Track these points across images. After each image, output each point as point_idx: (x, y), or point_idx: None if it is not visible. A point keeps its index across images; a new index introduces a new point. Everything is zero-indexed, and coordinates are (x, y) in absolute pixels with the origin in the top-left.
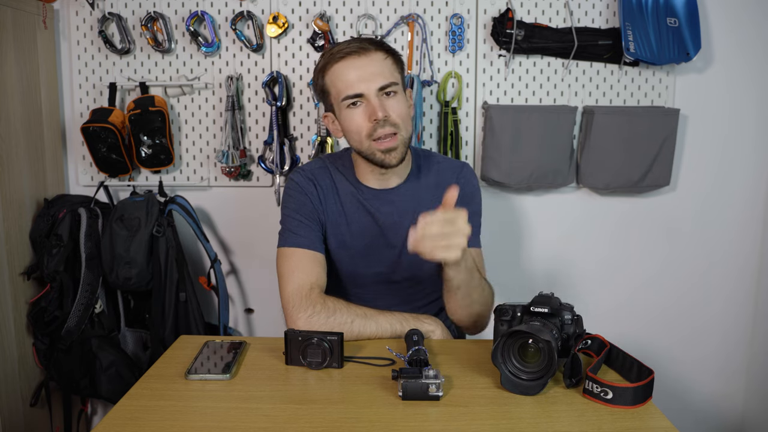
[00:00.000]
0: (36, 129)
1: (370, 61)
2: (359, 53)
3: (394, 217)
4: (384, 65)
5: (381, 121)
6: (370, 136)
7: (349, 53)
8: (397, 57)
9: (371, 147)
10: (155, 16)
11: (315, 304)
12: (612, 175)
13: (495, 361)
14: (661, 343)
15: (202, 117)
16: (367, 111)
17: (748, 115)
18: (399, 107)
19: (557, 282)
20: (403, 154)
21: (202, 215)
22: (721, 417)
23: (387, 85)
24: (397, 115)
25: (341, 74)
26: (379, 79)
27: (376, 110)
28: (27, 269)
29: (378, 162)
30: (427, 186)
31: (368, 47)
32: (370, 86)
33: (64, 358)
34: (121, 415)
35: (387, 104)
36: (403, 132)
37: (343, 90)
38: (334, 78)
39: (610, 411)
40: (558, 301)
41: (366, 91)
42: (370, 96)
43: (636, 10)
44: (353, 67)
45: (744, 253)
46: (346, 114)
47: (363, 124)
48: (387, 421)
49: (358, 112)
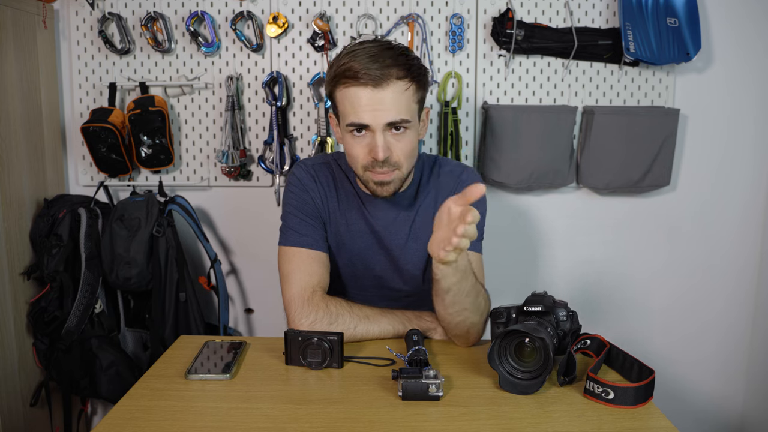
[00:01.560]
0: (36, 129)
1: (387, 93)
2: (378, 84)
3: (390, 224)
4: (402, 98)
5: (380, 162)
6: (366, 169)
7: (367, 83)
8: (421, 81)
9: (366, 176)
10: (155, 16)
11: (318, 309)
12: (612, 175)
13: (491, 362)
14: (661, 343)
15: (202, 117)
16: (369, 145)
17: (748, 115)
18: (404, 146)
19: (557, 282)
20: (398, 187)
21: (202, 215)
22: (721, 417)
23: (397, 122)
24: (400, 155)
25: (353, 98)
26: (390, 115)
27: (378, 150)
28: (27, 269)
29: (369, 190)
30: (426, 193)
31: (390, 75)
32: (378, 120)
33: (64, 358)
34: (121, 415)
35: (392, 143)
36: (404, 168)
37: (350, 115)
38: (344, 97)
39: (610, 411)
40: (552, 299)
41: (373, 123)
42: (376, 130)
43: (636, 10)
44: (367, 97)
45: (744, 253)
46: (348, 138)
47: (362, 155)
48: (387, 421)
49: (360, 143)
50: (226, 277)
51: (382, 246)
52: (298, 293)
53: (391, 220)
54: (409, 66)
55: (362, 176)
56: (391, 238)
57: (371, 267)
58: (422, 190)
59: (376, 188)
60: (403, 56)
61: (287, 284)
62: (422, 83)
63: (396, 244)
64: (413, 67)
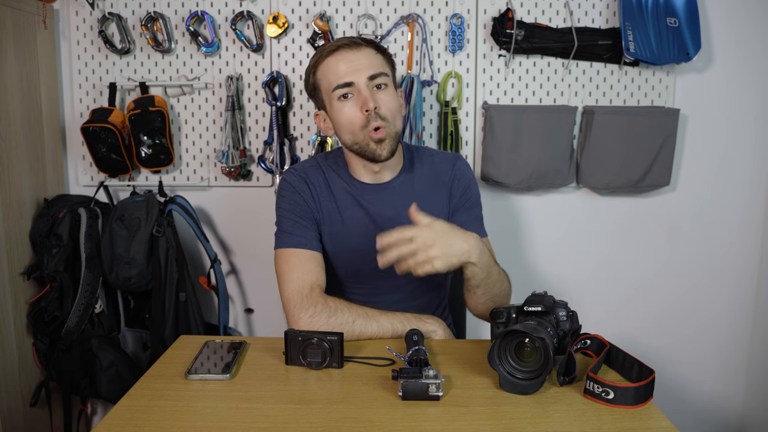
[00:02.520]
0: (36, 129)
1: (360, 54)
2: (350, 47)
3: (389, 211)
4: (374, 59)
5: (372, 114)
6: (364, 127)
7: (339, 47)
8: (387, 55)
9: (366, 137)
10: (155, 16)
11: (316, 303)
12: (612, 175)
13: (491, 362)
14: (661, 343)
15: (202, 117)
16: (359, 102)
17: (748, 115)
18: (389, 100)
19: (557, 282)
20: (393, 147)
21: (202, 215)
22: (721, 417)
23: (377, 74)
24: (387, 109)
25: (332, 67)
26: (369, 70)
27: (368, 101)
28: (27, 269)
29: (370, 154)
30: (421, 178)
31: (359, 42)
32: (360, 76)
33: (64, 358)
34: (121, 415)
35: (377, 96)
36: (392, 126)
37: (333, 81)
38: (325, 71)
39: (610, 411)
40: (552, 299)
41: (356, 80)
42: (361, 86)
43: (636, 10)
44: (343, 60)
45: (744, 253)
46: (338, 107)
47: (356, 115)
48: (387, 421)
49: (349, 105)
50: (226, 277)
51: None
52: (296, 290)
53: (390, 208)
54: (375, 44)
55: (362, 141)
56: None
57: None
58: (417, 176)
59: (376, 148)
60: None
61: (285, 283)
62: (390, 60)
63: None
64: (379, 45)
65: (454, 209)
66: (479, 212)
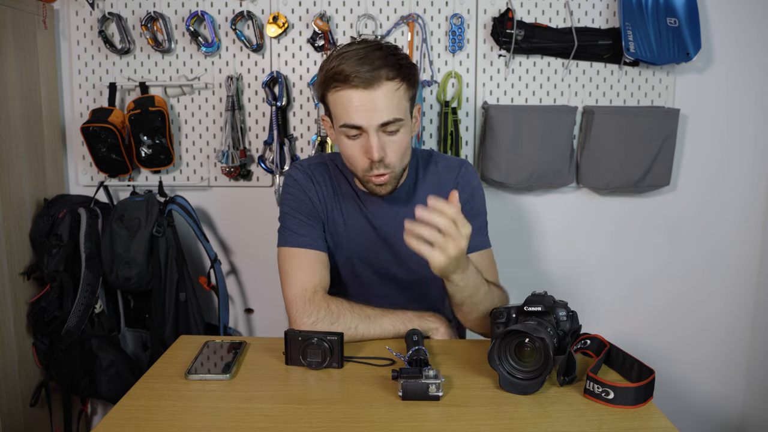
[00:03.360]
0: (36, 129)
1: (377, 93)
2: (369, 85)
3: (391, 220)
4: (393, 97)
5: (377, 163)
6: (365, 171)
7: (358, 85)
8: (411, 80)
9: (365, 177)
10: (155, 16)
11: (319, 309)
12: (612, 175)
13: (491, 362)
14: (661, 343)
15: (202, 117)
16: (364, 147)
17: (748, 115)
18: (398, 146)
19: (557, 282)
20: (396, 186)
21: (202, 215)
22: (721, 417)
23: (390, 122)
24: (394, 155)
25: (345, 101)
26: (383, 116)
27: (373, 151)
28: (27, 269)
29: (369, 190)
30: (425, 188)
31: (380, 77)
32: (371, 122)
33: (64, 358)
34: (121, 415)
35: (386, 143)
36: (398, 168)
37: (343, 117)
38: (336, 100)
39: (610, 411)
40: (552, 299)
41: (367, 125)
42: (370, 131)
43: (636, 10)
44: (358, 98)
45: (744, 253)
46: (343, 141)
47: (359, 158)
48: (387, 421)
49: (355, 145)
50: (226, 277)
51: (384, 241)
52: (300, 293)
53: (392, 216)
54: (399, 66)
55: (362, 177)
56: (393, 233)
57: (372, 263)
58: (420, 184)
59: (375, 188)
60: (393, 56)
61: (288, 284)
62: (412, 82)
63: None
64: (403, 67)
65: None
66: (483, 222)
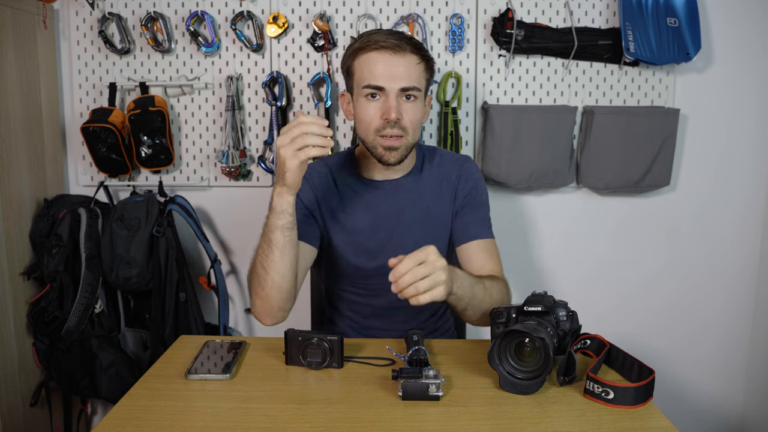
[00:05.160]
0: (36, 129)
1: (402, 60)
2: (395, 50)
3: (394, 210)
4: (414, 69)
5: (392, 122)
6: (377, 131)
7: (385, 47)
8: (430, 64)
9: (375, 140)
10: (155, 16)
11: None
12: (612, 175)
13: (491, 362)
14: (661, 343)
15: (202, 117)
16: (383, 107)
17: (748, 115)
18: (414, 113)
19: (557, 282)
20: (404, 156)
21: (202, 215)
22: (721, 417)
23: (410, 88)
24: (409, 121)
25: (371, 63)
26: (404, 81)
27: (391, 110)
28: (27, 269)
29: (377, 156)
30: (429, 179)
31: (405, 47)
32: (393, 84)
33: (64, 358)
34: (121, 415)
35: (403, 107)
36: (410, 137)
37: (367, 78)
38: (362, 63)
39: (610, 411)
40: (552, 299)
41: (388, 87)
42: (390, 93)
43: (636, 10)
44: (384, 62)
45: (744, 253)
46: (362, 103)
47: (375, 118)
48: (387, 421)
49: (373, 105)
50: (226, 277)
51: (389, 232)
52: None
53: (395, 207)
54: (420, 48)
55: (372, 141)
56: (397, 224)
57: (377, 254)
58: (425, 176)
59: (384, 153)
60: (416, 41)
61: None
62: (431, 67)
63: (402, 229)
64: (424, 51)
65: (458, 209)
66: (486, 213)
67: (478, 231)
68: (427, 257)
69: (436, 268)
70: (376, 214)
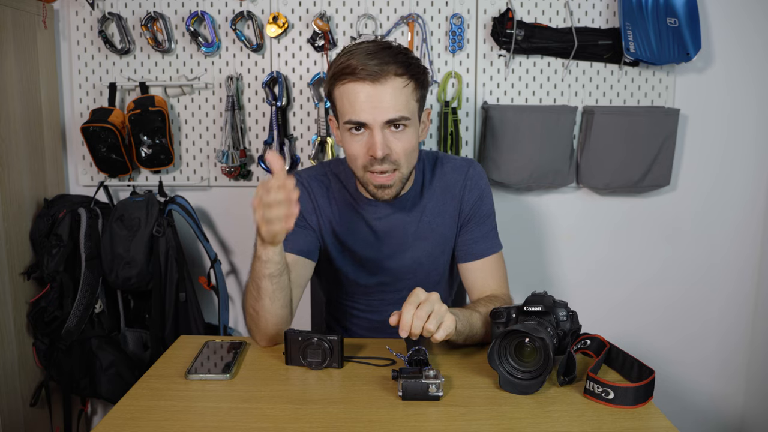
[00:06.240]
0: (36, 129)
1: (385, 89)
2: (376, 79)
3: (395, 227)
4: (400, 95)
5: (379, 160)
6: (365, 167)
7: (364, 78)
8: (420, 79)
9: (365, 177)
10: (155, 16)
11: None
12: (612, 175)
13: (491, 362)
14: (661, 344)
15: (202, 117)
16: (368, 143)
17: (748, 115)
18: (405, 143)
19: (557, 282)
20: (399, 190)
21: (202, 215)
22: (721, 417)
23: (396, 119)
24: (401, 152)
25: (350, 95)
26: (389, 112)
27: (376, 148)
28: (27, 269)
29: (370, 193)
30: (431, 193)
31: (388, 72)
32: (376, 118)
33: (64, 358)
34: (121, 415)
35: (391, 140)
36: (404, 168)
37: (348, 113)
38: (342, 94)
39: (611, 411)
40: (552, 299)
41: (371, 122)
42: (375, 128)
43: (636, 10)
44: (365, 93)
45: (744, 254)
46: (346, 137)
47: (360, 154)
48: (387, 421)
49: (358, 141)
50: (226, 277)
51: (389, 250)
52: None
53: (396, 224)
54: (408, 64)
55: (362, 177)
56: (397, 241)
57: (376, 272)
58: (427, 189)
59: (377, 191)
60: (402, 54)
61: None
62: (421, 82)
63: (402, 246)
64: (412, 66)
65: (464, 222)
66: (491, 224)
67: (483, 249)
68: (419, 298)
69: (433, 303)
70: (375, 229)
